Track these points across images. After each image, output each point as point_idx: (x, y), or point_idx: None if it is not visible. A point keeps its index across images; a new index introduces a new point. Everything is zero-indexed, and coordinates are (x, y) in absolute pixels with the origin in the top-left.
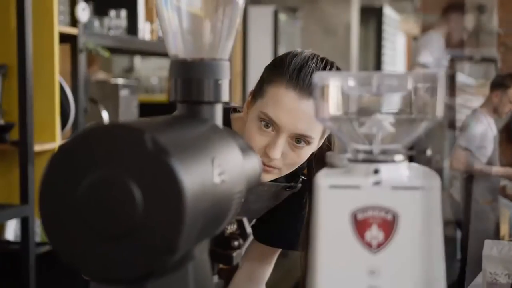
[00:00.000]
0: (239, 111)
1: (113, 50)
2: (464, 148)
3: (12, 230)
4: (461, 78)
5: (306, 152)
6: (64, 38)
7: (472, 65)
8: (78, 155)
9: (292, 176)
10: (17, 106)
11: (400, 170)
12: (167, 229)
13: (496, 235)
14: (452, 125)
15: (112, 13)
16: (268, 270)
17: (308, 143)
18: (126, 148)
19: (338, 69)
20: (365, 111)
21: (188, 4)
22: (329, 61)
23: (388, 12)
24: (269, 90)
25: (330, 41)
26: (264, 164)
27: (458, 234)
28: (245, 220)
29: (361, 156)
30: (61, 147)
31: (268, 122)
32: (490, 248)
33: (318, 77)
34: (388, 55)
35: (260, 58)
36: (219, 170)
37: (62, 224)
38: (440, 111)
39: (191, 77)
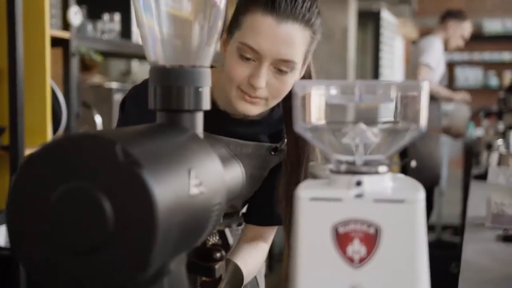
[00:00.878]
0: (213, 66)
1: (107, 54)
2: (426, 64)
3: (3, 236)
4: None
5: (290, 79)
6: (56, 41)
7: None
8: (47, 166)
9: (276, 137)
10: (8, 110)
11: (383, 182)
12: (138, 244)
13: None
14: None
15: (106, 16)
16: (267, 247)
17: (291, 69)
18: (97, 159)
19: None
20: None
21: (168, 10)
22: None
23: (386, 16)
24: (245, 20)
25: (328, 45)
26: (249, 96)
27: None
28: (227, 231)
29: (343, 167)
30: (30, 158)
31: (248, 53)
32: (495, 175)
33: (299, 85)
34: (386, 58)
35: None
36: (197, 181)
37: (30, 237)
38: (424, 121)
39: (171, 84)
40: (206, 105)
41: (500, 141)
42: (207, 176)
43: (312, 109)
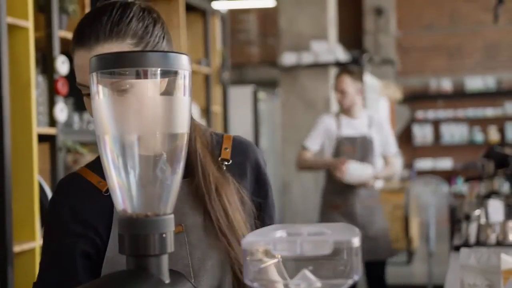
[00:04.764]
0: None
1: (94, 143)
2: (302, 147)
3: None
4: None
5: (141, 94)
6: (43, 137)
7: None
8: None
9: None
10: None
11: None
12: None
13: None
14: None
15: None
16: None
17: (131, 85)
18: None
19: (125, 8)
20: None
21: (132, 165)
22: (111, 4)
23: (369, 80)
24: (73, 63)
25: (310, 114)
26: None
27: None
28: None
29: None
30: None
31: (84, 90)
32: (467, 256)
33: (247, 242)
34: None
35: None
36: None
37: None
38: (358, 272)
39: (138, 233)
40: (171, 248)
41: (477, 211)
42: None
43: (260, 262)
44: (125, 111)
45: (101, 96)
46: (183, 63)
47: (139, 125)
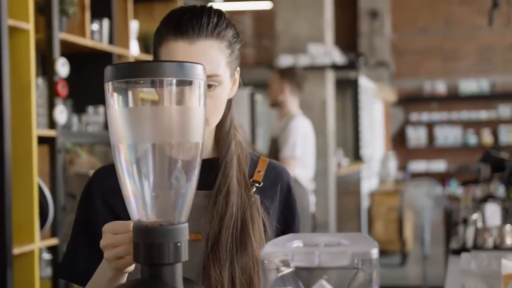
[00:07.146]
0: None
1: (92, 143)
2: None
3: None
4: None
5: (221, 93)
6: (43, 139)
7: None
8: None
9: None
10: None
11: None
12: None
13: None
14: None
15: (90, 109)
16: None
17: (219, 82)
18: None
19: (220, 14)
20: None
21: (147, 174)
22: (206, 6)
23: (364, 82)
24: (161, 51)
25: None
26: None
27: None
28: None
29: None
30: None
31: None
32: (468, 261)
33: (265, 253)
34: (366, 123)
35: None
36: None
37: None
38: (377, 283)
39: (152, 241)
40: (185, 256)
41: (475, 216)
42: None
43: (277, 273)
44: (140, 120)
45: (116, 105)
46: (198, 73)
47: (154, 134)
